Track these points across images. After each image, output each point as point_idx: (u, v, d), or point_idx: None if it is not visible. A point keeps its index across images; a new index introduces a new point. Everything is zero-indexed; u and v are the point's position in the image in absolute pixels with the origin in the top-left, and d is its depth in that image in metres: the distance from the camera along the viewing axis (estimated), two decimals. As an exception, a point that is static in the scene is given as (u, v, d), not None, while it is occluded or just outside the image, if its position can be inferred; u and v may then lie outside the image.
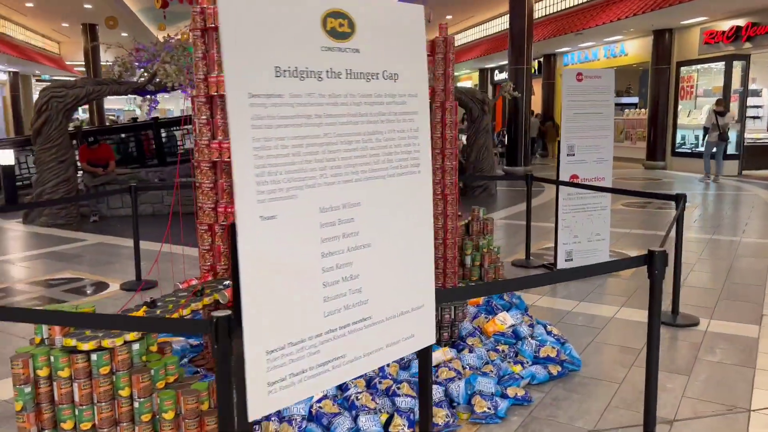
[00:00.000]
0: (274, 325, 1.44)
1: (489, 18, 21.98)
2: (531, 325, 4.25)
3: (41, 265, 6.63)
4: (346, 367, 1.62)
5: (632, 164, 17.51)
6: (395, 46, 1.67)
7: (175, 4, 12.86)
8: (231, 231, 3.15)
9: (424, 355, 1.95)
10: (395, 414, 3.00)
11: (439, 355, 3.56)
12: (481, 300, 4.58)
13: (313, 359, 1.53)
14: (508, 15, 15.32)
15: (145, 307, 3.00)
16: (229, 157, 3.76)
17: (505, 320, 4.14)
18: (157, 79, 9.42)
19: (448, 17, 22.46)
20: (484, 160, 11.65)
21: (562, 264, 6.08)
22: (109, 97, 10.24)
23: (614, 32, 16.94)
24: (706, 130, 13.95)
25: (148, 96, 10.86)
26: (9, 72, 26.27)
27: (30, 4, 20.27)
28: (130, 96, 10.36)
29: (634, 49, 18.02)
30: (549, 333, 4.14)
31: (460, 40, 25.43)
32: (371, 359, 1.69)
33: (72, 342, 2.58)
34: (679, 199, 4.52)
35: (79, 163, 10.08)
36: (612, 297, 5.28)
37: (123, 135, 12.51)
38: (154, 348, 2.79)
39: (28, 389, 2.62)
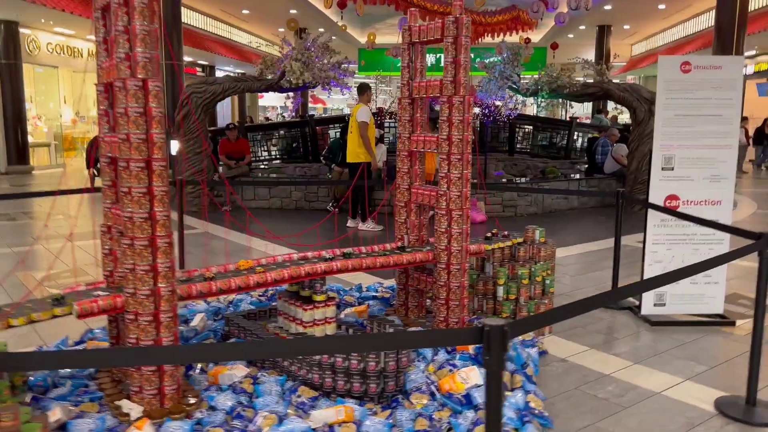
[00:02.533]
0: None
1: (707, 8, 18.89)
2: (512, 390, 3.24)
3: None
4: None
5: None
6: None
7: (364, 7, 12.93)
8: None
9: None
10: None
11: (329, 415, 2.81)
12: (470, 347, 3.64)
13: None
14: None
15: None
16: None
17: (467, 378, 3.19)
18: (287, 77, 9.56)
19: (661, 7, 19.82)
20: (648, 170, 9.84)
21: (649, 309, 4.70)
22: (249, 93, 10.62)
23: None
24: None
25: (292, 93, 11.14)
26: (237, 73, 29.44)
27: (246, 11, 22.37)
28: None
29: None
30: (525, 405, 3.09)
31: (677, 33, 22.31)
32: None
33: None
34: (762, 239, 3.10)
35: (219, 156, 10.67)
36: (686, 363, 3.88)
37: (281, 131, 12.98)
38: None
39: None
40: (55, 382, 3.22)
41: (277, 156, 12.29)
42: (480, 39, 17.40)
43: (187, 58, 24.33)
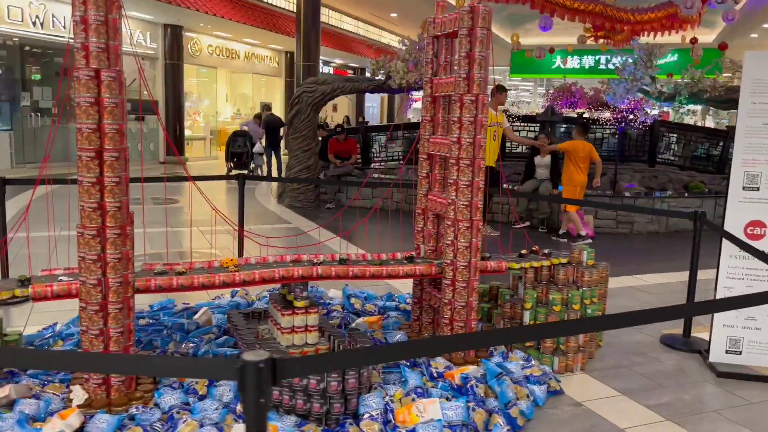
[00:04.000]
0: None
1: None
2: (475, 429, 2.81)
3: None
4: None
5: None
6: None
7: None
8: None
9: None
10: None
11: (247, 430, 2.61)
12: (456, 375, 3.23)
13: None
14: None
15: None
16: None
17: (423, 411, 2.82)
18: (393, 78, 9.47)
19: None
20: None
21: (720, 356, 3.90)
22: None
23: None
24: None
25: (403, 95, 11.02)
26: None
27: (394, 15, 22.72)
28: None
29: None
30: (482, 451, 2.66)
31: None
32: None
33: None
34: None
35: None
36: (736, 428, 3.13)
37: (401, 133, 12.89)
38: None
39: None
40: (39, 360, 3.36)
41: (395, 157, 12.25)
42: (634, 39, 16.02)
43: (338, 61, 25.28)
